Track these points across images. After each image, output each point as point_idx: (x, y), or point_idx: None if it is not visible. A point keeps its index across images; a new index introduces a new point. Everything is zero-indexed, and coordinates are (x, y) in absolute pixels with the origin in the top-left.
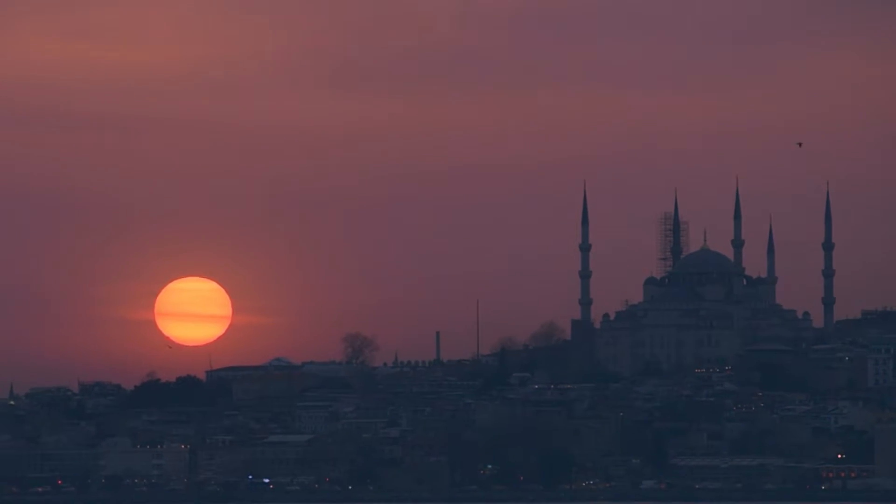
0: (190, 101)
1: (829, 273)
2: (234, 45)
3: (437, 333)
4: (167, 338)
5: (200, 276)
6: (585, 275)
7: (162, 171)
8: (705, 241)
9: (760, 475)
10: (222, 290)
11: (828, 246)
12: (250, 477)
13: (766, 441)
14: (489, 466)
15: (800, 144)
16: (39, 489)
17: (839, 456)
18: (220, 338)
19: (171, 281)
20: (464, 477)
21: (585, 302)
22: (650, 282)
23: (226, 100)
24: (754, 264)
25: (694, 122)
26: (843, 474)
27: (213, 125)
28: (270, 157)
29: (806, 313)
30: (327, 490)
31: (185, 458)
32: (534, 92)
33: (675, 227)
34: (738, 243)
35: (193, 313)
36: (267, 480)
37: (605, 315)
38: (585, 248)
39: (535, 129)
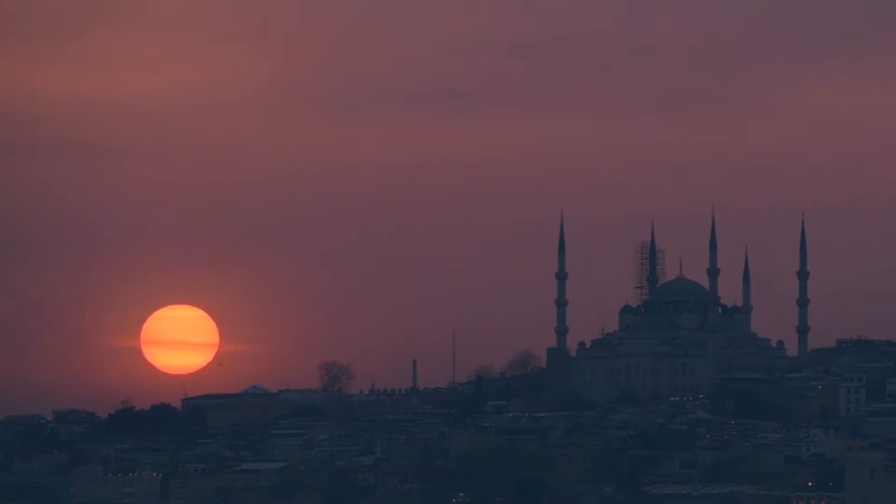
0: (177, 128)
1: (803, 302)
2: (219, 72)
3: (414, 362)
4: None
5: (187, 303)
6: (562, 303)
7: (147, 197)
8: (681, 269)
9: (732, 502)
10: (208, 318)
11: (802, 275)
12: None
13: (739, 469)
14: (462, 494)
15: None
16: None
17: (809, 483)
18: (205, 366)
19: (157, 308)
20: None
21: (562, 330)
22: (626, 310)
23: (213, 127)
24: (729, 293)
25: (671, 150)
26: (813, 502)
27: (199, 152)
28: (255, 184)
29: (780, 342)
30: None
31: (157, 487)
32: (511, 120)
33: (651, 255)
34: (713, 272)
35: (179, 341)
36: None
37: (582, 343)
38: (562, 276)
39: (512, 158)
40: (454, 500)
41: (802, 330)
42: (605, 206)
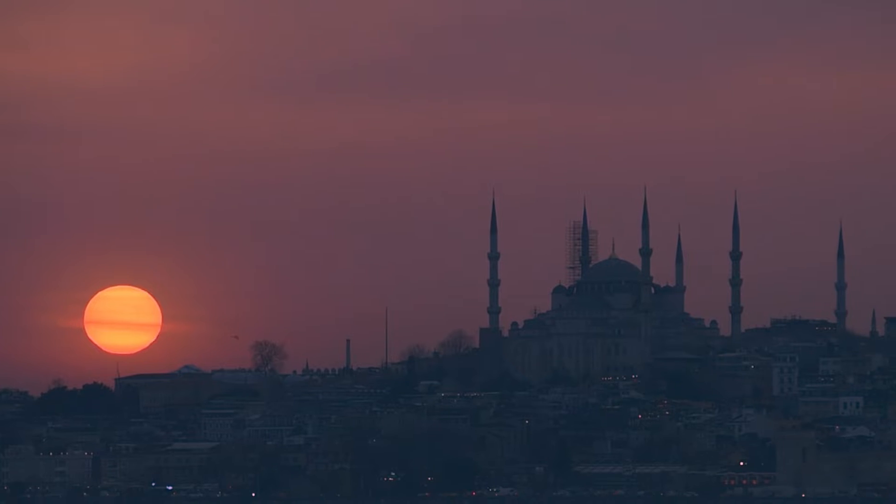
0: (121, 110)
1: (736, 282)
2: (161, 54)
3: (348, 341)
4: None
5: (130, 284)
6: (494, 283)
7: (90, 179)
8: (614, 249)
9: (663, 482)
10: (151, 299)
11: (735, 255)
12: (153, 484)
13: (670, 449)
14: (393, 474)
15: None
16: None
17: (741, 463)
18: (146, 346)
19: (101, 289)
20: (367, 484)
21: (494, 310)
22: (559, 290)
23: (156, 108)
24: (662, 273)
25: (603, 131)
26: (744, 482)
27: (142, 133)
28: (195, 166)
29: (713, 322)
30: (230, 497)
31: (89, 466)
32: (444, 102)
33: (583, 235)
34: (646, 252)
35: (123, 321)
36: (170, 487)
37: (514, 323)
38: (494, 256)
39: (443, 139)
40: (384, 480)
41: (735, 310)
42: (538, 186)
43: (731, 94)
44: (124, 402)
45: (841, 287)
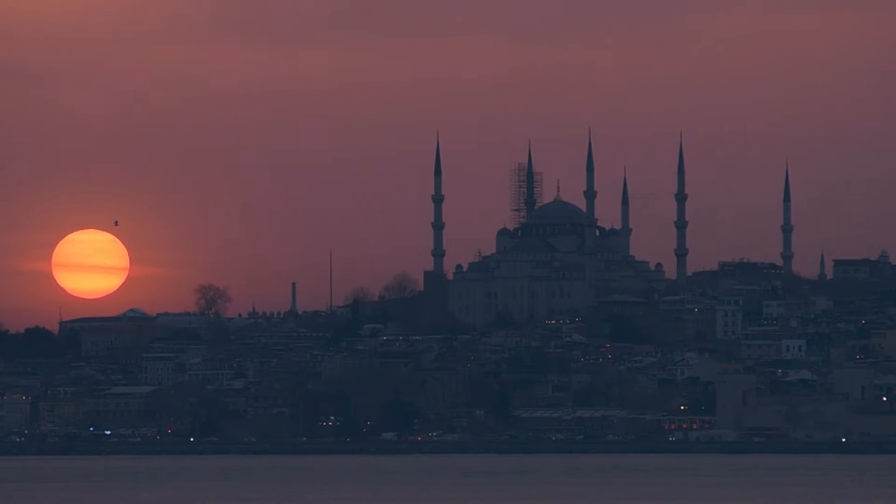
0: (89, 53)
1: (681, 224)
2: None
3: (293, 285)
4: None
5: (97, 228)
6: (438, 226)
7: (53, 122)
8: (558, 192)
9: (603, 427)
10: (119, 243)
11: (680, 197)
12: (91, 429)
13: (612, 392)
14: (333, 418)
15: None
16: None
17: (682, 407)
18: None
19: (68, 233)
20: (307, 428)
21: (438, 253)
22: (503, 233)
23: (122, 52)
24: (608, 216)
25: (548, 73)
26: (685, 425)
27: (112, 76)
28: (154, 109)
29: (658, 265)
30: (169, 442)
31: (27, 410)
32: (388, 45)
33: (528, 178)
34: (590, 195)
35: (90, 265)
36: (108, 432)
37: (458, 266)
38: (438, 199)
39: (388, 82)
40: (323, 424)
41: (681, 252)
42: (482, 129)
43: (676, 37)
44: (67, 346)
45: (787, 230)
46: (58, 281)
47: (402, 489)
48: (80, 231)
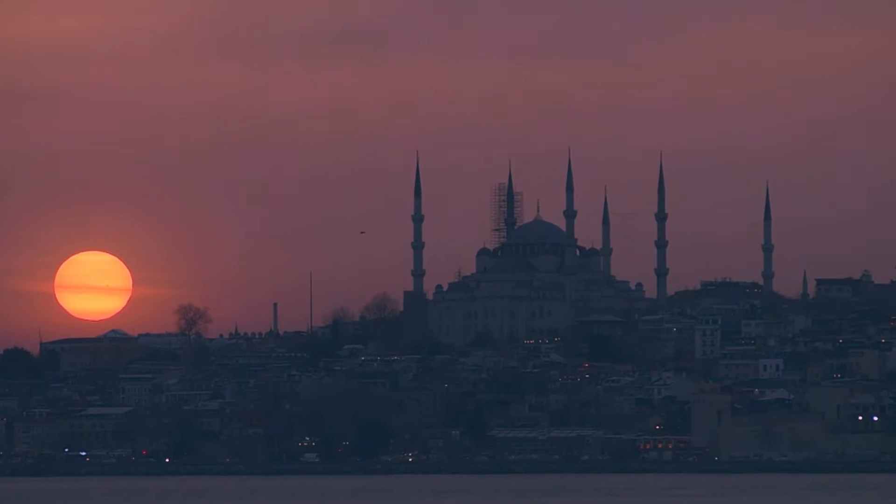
0: (89, 75)
1: (661, 244)
2: (131, 19)
3: (275, 305)
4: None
5: (98, 249)
6: (418, 246)
7: (54, 144)
8: (538, 212)
9: (578, 446)
10: (121, 263)
11: (661, 216)
12: (67, 450)
13: (588, 412)
14: (308, 438)
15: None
16: None
17: (657, 427)
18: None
19: (71, 254)
20: (282, 449)
21: (418, 273)
22: (483, 253)
23: (123, 73)
24: (589, 235)
25: (529, 93)
26: (659, 445)
27: (114, 98)
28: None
29: (639, 284)
30: (143, 463)
31: (3, 431)
32: (368, 65)
33: (508, 197)
34: (570, 214)
35: (93, 286)
36: (84, 453)
37: (439, 286)
38: (418, 219)
39: (368, 102)
40: (299, 444)
41: (661, 272)
42: (462, 148)
43: (657, 57)
44: (46, 367)
45: (768, 249)
46: (60, 302)
47: None
48: (83, 252)
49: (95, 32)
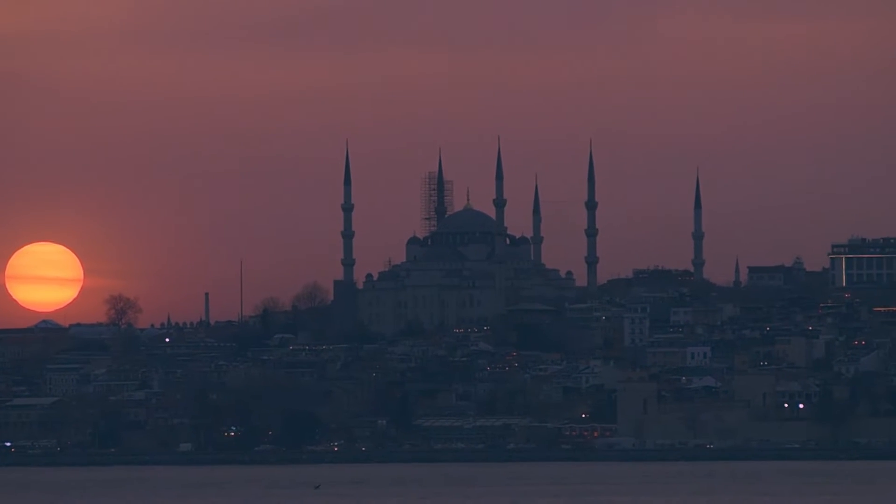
0: (41, 63)
1: (591, 232)
2: (81, 7)
3: (206, 295)
4: None
5: (49, 240)
6: (348, 235)
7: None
8: (469, 200)
9: (504, 435)
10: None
11: (591, 205)
12: None
13: (516, 401)
14: (234, 428)
15: None
16: None
17: (584, 415)
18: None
19: (21, 245)
20: (207, 439)
21: (348, 262)
22: (413, 241)
23: (74, 62)
24: (519, 224)
25: (457, 81)
26: (585, 433)
27: (54, 87)
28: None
29: (569, 273)
30: (68, 453)
31: None
32: (296, 54)
33: (439, 186)
34: (500, 203)
35: (43, 276)
36: (9, 444)
37: (369, 275)
38: (348, 208)
39: (297, 90)
40: (224, 434)
41: (591, 260)
42: (392, 137)
43: (585, 43)
44: None
45: (698, 237)
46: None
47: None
48: (33, 243)
49: (47, 20)
